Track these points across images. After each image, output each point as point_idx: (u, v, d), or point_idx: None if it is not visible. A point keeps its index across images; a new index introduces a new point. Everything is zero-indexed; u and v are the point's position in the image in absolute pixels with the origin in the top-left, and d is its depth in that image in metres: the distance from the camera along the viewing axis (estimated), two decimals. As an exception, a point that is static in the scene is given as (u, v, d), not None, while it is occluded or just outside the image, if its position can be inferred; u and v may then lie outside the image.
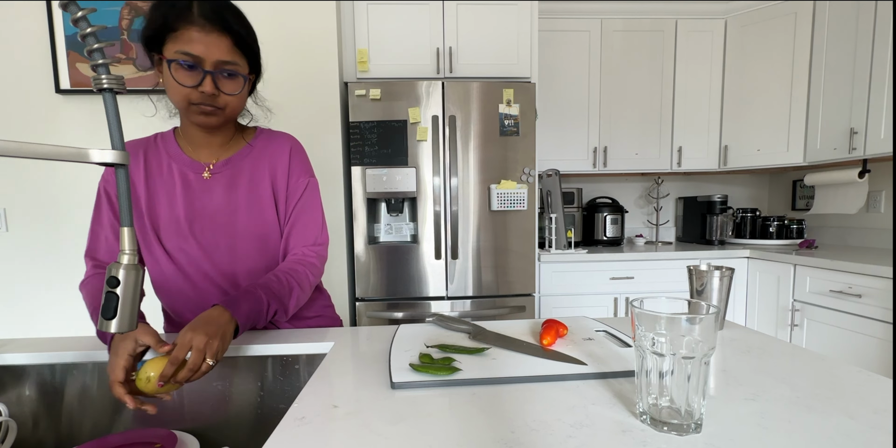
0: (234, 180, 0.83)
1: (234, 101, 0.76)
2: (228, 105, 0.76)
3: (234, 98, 0.76)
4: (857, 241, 2.20)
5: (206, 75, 0.71)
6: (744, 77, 2.27)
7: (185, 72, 0.70)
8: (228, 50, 0.72)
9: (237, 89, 0.75)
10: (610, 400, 0.49)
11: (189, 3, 0.69)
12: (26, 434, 0.73)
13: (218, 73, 0.72)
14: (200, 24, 0.69)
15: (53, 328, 1.83)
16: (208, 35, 0.69)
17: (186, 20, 0.68)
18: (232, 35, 0.72)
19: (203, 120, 0.76)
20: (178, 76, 0.70)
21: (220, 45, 0.70)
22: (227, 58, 0.72)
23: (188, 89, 0.71)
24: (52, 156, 0.41)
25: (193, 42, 0.69)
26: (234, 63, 0.73)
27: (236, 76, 0.74)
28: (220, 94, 0.73)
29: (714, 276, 0.71)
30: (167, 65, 0.70)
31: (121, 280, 0.45)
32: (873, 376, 0.55)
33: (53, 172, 1.77)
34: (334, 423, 0.45)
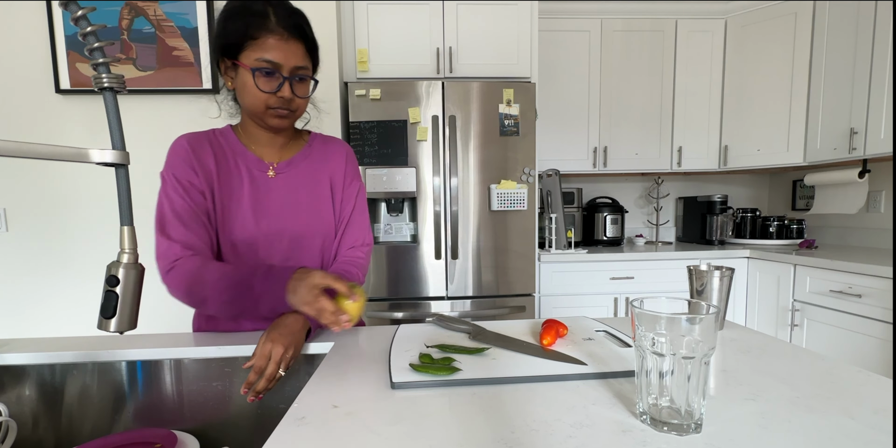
0: (296, 180, 0.86)
1: (304, 103, 0.81)
2: (300, 107, 0.80)
3: (303, 101, 0.80)
4: (857, 241, 2.20)
5: (284, 81, 0.74)
6: (744, 77, 2.27)
7: (265, 78, 0.74)
8: (303, 56, 0.76)
9: (308, 92, 0.80)
10: (610, 400, 0.49)
11: (266, 11, 0.72)
12: (26, 434, 0.73)
13: (293, 78, 0.76)
14: (279, 32, 0.72)
15: (53, 328, 1.83)
16: (286, 42, 0.73)
17: (266, 28, 0.72)
18: (305, 42, 0.76)
19: (278, 122, 0.79)
20: (259, 83, 0.74)
21: (297, 52, 0.75)
22: (302, 63, 0.76)
23: (267, 94, 0.75)
24: (52, 156, 0.41)
25: (273, 49, 0.72)
26: (306, 68, 0.77)
27: (307, 80, 0.79)
28: (294, 98, 0.77)
29: (714, 276, 0.71)
30: (251, 72, 0.73)
31: (120, 279, 0.45)
32: (873, 376, 0.55)
33: (53, 172, 1.77)
34: (334, 423, 0.45)
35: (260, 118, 0.79)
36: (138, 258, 0.48)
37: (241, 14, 0.73)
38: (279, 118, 0.78)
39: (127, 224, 0.46)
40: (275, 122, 0.79)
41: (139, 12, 1.70)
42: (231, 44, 0.74)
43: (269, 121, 0.79)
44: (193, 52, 1.72)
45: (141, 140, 1.78)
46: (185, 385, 0.74)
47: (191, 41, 1.72)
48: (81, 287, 1.82)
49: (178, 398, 0.74)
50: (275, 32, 0.72)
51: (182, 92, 1.74)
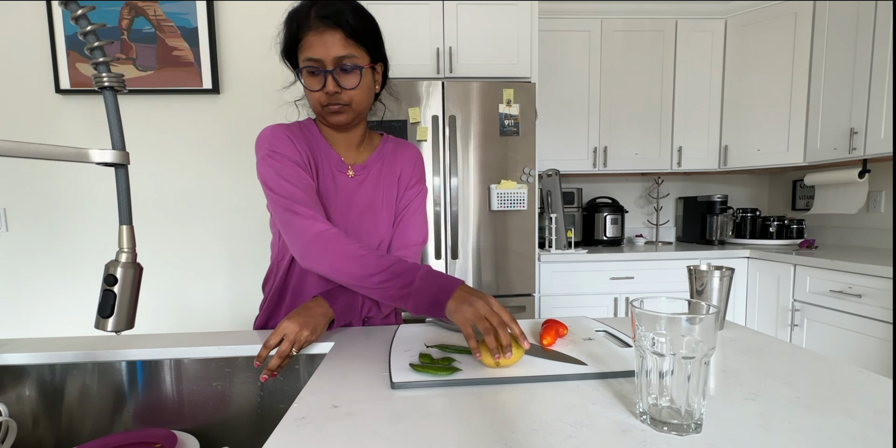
0: (372, 182, 0.86)
1: (358, 95, 0.77)
2: (353, 99, 0.77)
3: (356, 91, 0.76)
4: (857, 241, 2.20)
5: (326, 75, 0.73)
6: (744, 77, 2.27)
7: (311, 78, 0.75)
8: (343, 45, 0.73)
9: (356, 82, 0.76)
10: (610, 400, 0.49)
11: (307, 11, 0.73)
12: (26, 434, 0.73)
13: (337, 70, 0.73)
14: (316, 26, 0.72)
15: (53, 328, 1.83)
16: (322, 35, 0.72)
17: (306, 27, 0.72)
18: (343, 28, 0.72)
19: (335, 119, 0.78)
20: (307, 83, 0.75)
21: (335, 42, 0.72)
22: (343, 52, 0.73)
23: (318, 93, 0.75)
24: (52, 156, 0.41)
25: (313, 46, 0.72)
26: (351, 56, 0.74)
27: (355, 69, 0.75)
28: (342, 90, 0.75)
29: (714, 276, 0.71)
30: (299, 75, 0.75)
31: (119, 278, 0.45)
32: (873, 376, 0.55)
33: (53, 172, 1.77)
34: (334, 423, 0.45)
35: (322, 118, 0.80)
36: (137, 257, 0.48)
37: (291, 19, 0.75)
38: (334, 115, 0.78)
39: (126, 223, 0.46)
40: (333, 120, 0.79)
41: (139, 12, 1.70)
42: (289, 50, 0.77)
43: (329, 119, 0.79)
44: (193, 52, 1.72)
45: (141, 140, 1.78)
46: (185, 385, 0.74)
47: (191, 41, 1.72)
48: (81, 287, 1.82)
49: (178, 398, 0.74)
50: (313, 28, 0.72)
51: (182, 92, 1.74)
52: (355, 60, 0.74)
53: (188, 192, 1.80)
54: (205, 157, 1.79)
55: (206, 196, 1.81)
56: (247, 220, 1.82)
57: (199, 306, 1.84)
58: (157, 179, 1.79)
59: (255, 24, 1.76)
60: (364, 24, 0.76)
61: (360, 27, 0.74)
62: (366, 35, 0.76)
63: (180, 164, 1.79)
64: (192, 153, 1.78)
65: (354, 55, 0.74)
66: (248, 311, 1.85)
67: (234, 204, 1.81)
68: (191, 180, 1.80)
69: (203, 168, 1.79)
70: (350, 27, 0.73)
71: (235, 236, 1.82)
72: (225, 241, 1.82)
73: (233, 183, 1.80)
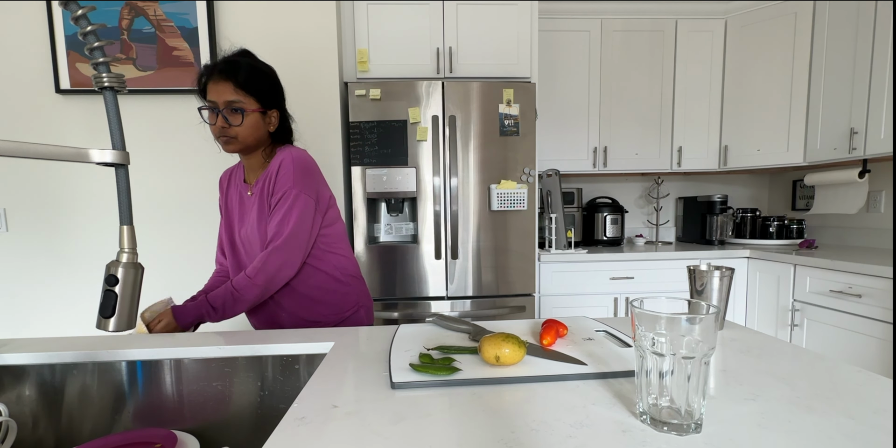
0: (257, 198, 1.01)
1: (243, 131, 0.97)
2: (238, 134, 0.96)
3: (241, 128, 0.96)
4: (857, 241, 2.20)
5: (218, 114, 0.95)
6: (744, 77, 2.27)
7: (208, 113, 0.97)
8: (233, 92, 0.94)
9: (239, 121, 0.96)
10: (610, 400, 0.49)
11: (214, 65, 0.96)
12: (26, 434, 0.73)
13: (227, 110, 0.95)
14: (213, 77, 0.95)
15: (53, 328, 1.83)
16: (217, 84, 0.94)
17: (209, 77, 0.96)
18: (233, 80, 0.94)
19: (226, 148, 0.98)
20: (207, 118, 0.97)
21: (226, 89, 0.94)
22: (232, 98, 0.94)
23: (213, 127, 0.96)
24: (52, 156, 0.41)
25: (211, 91, 0.95)
26: (239, 101, 0.95)
27: (238, 111, 0.95)
28: (229, 126, 0.95)
29: (714, 276, 0.71)
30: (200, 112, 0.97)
31: (120, 278, 0.45)
32: (873, 376, 0.55)
33: (53, 172, 1.77)
34: (334, 423, 0.45)
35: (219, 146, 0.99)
36: (137, 258, 0.48)
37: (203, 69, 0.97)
38: (225, 144, 0.97)
39: (126, 224, 0.46)
40: (225, 148, 0.98)
41: (139, 12, 1.70)
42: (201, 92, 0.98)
43: (222, 147, 0.98)
44: (193, 52, 1.72)
45: (141, 140, 1.78)
46: (185, 385, 0.74)
47: (191, 41, 1.72)
48: (81, 287, 1.82)
49: (178, 398, 0.74)
50: (212, 78, 0.95)
51: (182, 92, 1.74)
52: (241, 105, 0.95)
53: (188, 192, 1.80)
54: (205, 156, 1.79)
55: (207, 196, 1.81)
56: (247, 220, 1.82)
57: (199, 306, 1.84)
58: (158, 179, 1.79)
59: (255, 24, 1.76)
60: (253, 78, 0.97)
61: (248, 80, 0.96)
62: (254, 86, 0.97)
63: (180, 163, 1.79)
64: (192, 153, 1.78)
65: (241, 101, 0.95)
66: (248, 311, 1.85)
67: (234, 204, 1.81)
68: (191, 180, 1.80)
69: (203, 168, 1.79)
70: (239, 79, 0.95)
71: (235, 236, 1.82)
72: (225, 241, 1.83)
73: (233, 183, 1.80)
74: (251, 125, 0.97)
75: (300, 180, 0.98)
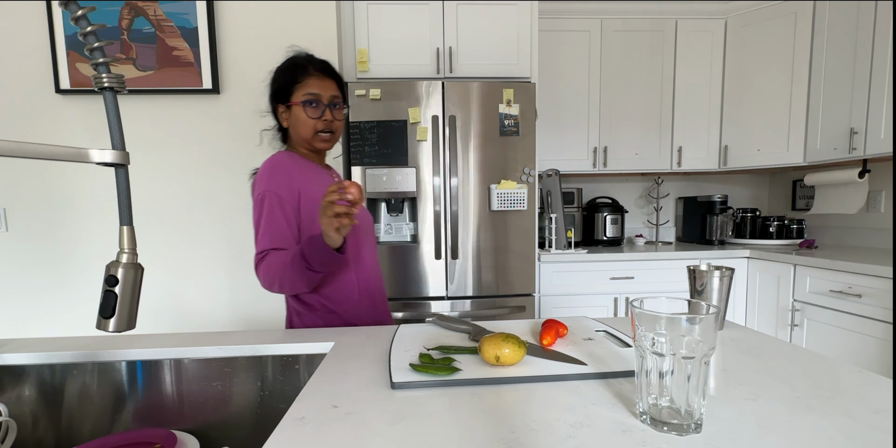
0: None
1: (340, 126, 1.01)
2: (337, 129, 1.00)
3: (341, 123, 1.00)
4: (857, 241, 2.20)
5: (325, 108, 0.96)
6: (744, 77, 2.27)
7: (311, 108, 0.96)
8: (335, 88, 0.98)
9: (342, 116, 1.01)
10: (610, 400, 0.49)
11: (305, 63, 0.98)
12: (26, 434, 0.73)
13: (331, 105, 0.97)
14: (315, 74, 0.97)
15: (53, 328, 1.83)
16: (322, 80, 0.97)
17: (307, 73, 0.96)
18: (335, 79, 0.99)
19: (323, 145, 1.00)
20: (308, 113, 0.95)
21: (331, 86, 0.98)
22: (336, 93, 0.98)
23: (313, 121, 0.96)
24: (52, 156, 0.41)
25: (313, 86, 0.96)
26: (339, 97, 0.99)
27: (340, 106, 1.00)
28: (333, 120, 0.97)
29: (714, 276, 0.71)
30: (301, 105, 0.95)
31: (120, 279, 0.45)
32: (873, 376, 0.55)
33: (53, 172, 1.77)
34: (334, 423, 0.45)
35: (309, 143, 0.99)
36: (137, 258, 0.48)
37: (288, 69, 0.98)
38: (324, 142, 0.99)
39: (126, 224, 0.46)
40: (321, 145, 0.99)
41: (139, 12, 1.70)
42: (284, 90, 0.97)
43: (316, 144, 0.98)
44: (193, 52, 1.72)
45: (141, 140, 1.78)
46: (185, 385, 0.74)
47: (191, 41, 1.72)
48: (81, 287, 1.82)
49: (178, 398, 0.74)
50: (312, 75, 0.96)
51: (182, 92, 1.74)
52: (340, 101, 0.99)
53: (188, 192, 1.80)
54: (205, 156, 1.79)
55: (207, 196, 1.81)
56: (247, 219, 1.82)
57: (199, 306, 1.83)
58: (158, 179, 1.79)
59: (255, 24, 1.76)
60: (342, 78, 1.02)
61: (341, 80, 1.02)
62: (344, 87, 1.03)
63: (180, 164, 1.79)
64: (192, 153, 1.78)
65: (339, 97, 0.99)
66: (249, 311, 1.85)
67: (234, 204, 1.81)
68: (191, 180, 1.80)
69: (203, 168, 1.79)
70: (338, 79, 1.01)
71: (236, 236, 1.82)
72: (225, 241, 1.82)
73: (233, 183, 1.80)
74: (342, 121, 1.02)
75: None
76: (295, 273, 0.82)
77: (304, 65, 0.97)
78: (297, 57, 1.00)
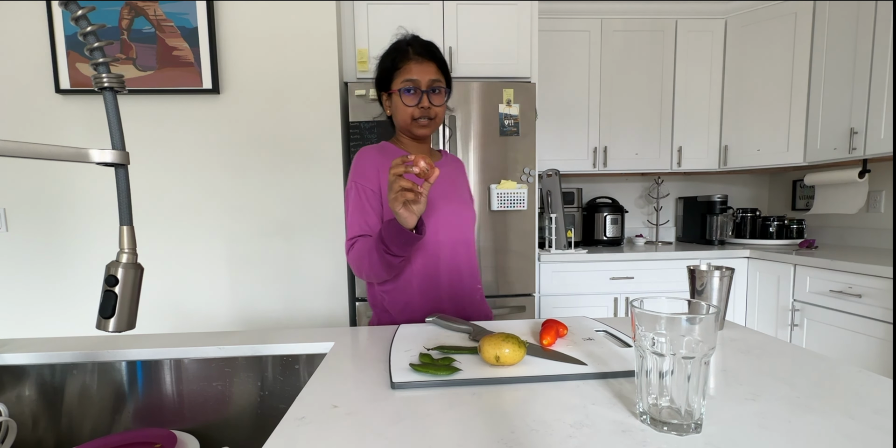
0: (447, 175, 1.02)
1: (441, 111, 0.96)
2: (437, 115, 0.95)
3: (440, 109, 0.95)
4: (857, 241, 2.20)
5: (422, 94, 0.92)
6: (744, 77, 2.27)
7: (408, 96, 0.92)
8: (435, 72, 0.94)
9: (442, 101, 0.96)
10: (610, 400, 0.49)
11: (405, 47, 0.93)
12: (26, 434, 0.73)
13: (429, 91, 0.92)
14: (415, 58, 0.92)
15: (53, 328, 1.83)
16: (421, 64, 0.92)
17: (406, 58, 0.92)
18: (435, 61, 0.94)
19: (421, 131, 0.96)
20: (405, 100, 0.92)
21: (430, 70, 0.93)
22: (435, 77, 0.93)
23: (411, 108, 0.93)
24: (52, 156, 0.41)
25: (412, 71, 0.92)
26: (439, 81, 0.94)
27: (441, 91, 0.95)
28: (431, 106, 0.93)
29: (714, 276, 0.71)
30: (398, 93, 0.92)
31: (119, 279, 0.45)
32: (873, 376, 0.55)
33: (53, 172, 1.77)
34: (334, 423, 0.45)
35: (408, 130, 0.97)
36: (137, 258, 0.48)
37: (389, 54, 0.95)
38: (422, 128, 0.95)
39: (126, 224, 0.46)
40: (420, 132, 0.96)
41: (139, 12, 1.70)
42: (385, 78, 0.95)
43: (415, 131, 0.96)
44: (193, 52, 1.72)
45: (141, 140, 1.78)
46: (185, 385, 0.74)
47: (191, 41, 1.72)
48: (81, 287, 1.82)
49: (178, 398, 0.74)
50: (413, 59, 0.92)
51: (182, 92, 1.74)
52: (441, 84, 0.94)
53: (188, 192, 1.80)
54: (205, 156, 1.79)
55: (207, 196, 1.81)
56: (247, 219, 1.82)
57: (199, 306, 1.83)
58: (157, 179, 1.79)
59: (255, 24, 1.76)
60: (444, 60, 0.97)
61: (444, 61, 0.97)
62: (446, 67, 0.97)
63: (180, 164, 1.79)
64: (191, 153, 1.78)
65: (441, 81, 0.94)
66: (248, 311, 1.85)
67: (234, 204, 1.81)
68: (191, 180, 1.80)
69: (203, 168, 1.79)
70: (439, 60, 0.95)
71: (235, 236, 1.82)
72: (225, 241, 1.82)
73: (233, 183, 1.80)
74: (444, 106, 0.98)
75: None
76: (375, 258, 0.84)
77: (404, 49, 0.93)
78: (399, 41, 0.95)
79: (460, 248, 1.00)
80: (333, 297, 1.86)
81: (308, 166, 1.81)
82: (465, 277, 1.00)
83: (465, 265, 1.01)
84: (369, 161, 0.96)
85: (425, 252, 0.95)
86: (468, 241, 1.03)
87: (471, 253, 1.03)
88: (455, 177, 1.06)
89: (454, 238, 0.99)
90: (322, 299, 1.86)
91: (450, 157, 1.11)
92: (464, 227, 1.02)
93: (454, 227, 0.99)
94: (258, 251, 1.83)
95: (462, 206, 1.03)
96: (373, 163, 0.95)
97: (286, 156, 1.80)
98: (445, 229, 0.97)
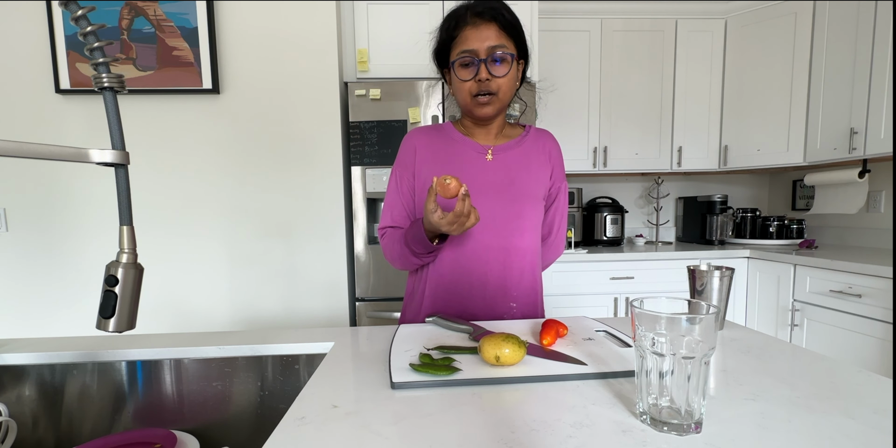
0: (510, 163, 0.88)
1: (505, 84, 0.81)
2: (500, 88, 0.80)
3: (504, 80, 0.80)
4: (857, 241, 2.20)
5: (479, 64, 0.78)
6: (744, 77, 2.27)
7: (464, 69, 0.79)
8: (497, 35, 0.78)
9: (505, 71, 0.79)
10: (610, 400, 0.49)
11: (462, 12, 0.79)
12: (26, 434, 0.73)
13: (489, 60, 0.78)
14: (472, 21, 0.78)
15: (53, 328, 1.83)
16: (478, 28, 0.78)
17: (462, 25, 0.79)
18: (497, 21, 0.78)
19: (482, 111, 0.82)
20: (460, 75, 0.80)
21: (490, 33, 0.77)
22: (496, 42, 0.78)
23: (468, 83, 0.79)
24: (52, 156, 0.41)
25: (468, 39, 0.78)
26: (503, 46, 0.78)
27: (505, 59, 0.79)
28: (492, 78, 0.78)
29: (714, 276, 0.71)
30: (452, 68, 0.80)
31: (120, 279, 0.45)
32: (873, 376, 0.55)
33: (53, 172, 1.77)
34: (334, 423, 0.45)
35: (469, 111, 0.84)
36: (137, 258, 0.48)
37: (445, 23, 0.82)
38: (482, 106, 0.81)
39: (126, 224, 0.46)
40: (480, 112, 0.82)
41: (139, 12, 1.70)
42: (442, 51, 0.83)
43: (475, 111, 0.83)
44: (193, 52, 1.72)
45: (141, 140, 1.78)
46: (185, 385, 0.74)
47: (191, 41, 1.72)
48: (81, 287, 1.82)
49: (178, 398, 0.74)
50: (469, 23, 0.78)
51: (182, 92, 1.74)
52: (506, 50, 0.79)
53: (188, 192, 1.80)
54: (205, 156, 1.79)
55: (207, 196, 1.81)
56: (247, 219, 1.82)
57: (199, 306, 1.83)
58: (157, 179, 1.79)
59: (255, 23, 1.76)
60: (514, 20, 0.80)
61: (510, 21, 0.80)
62: (515, 29, 0.81)
63: (180, 164, 1.79)
64: (191, 153, 1.78)
65: (505, 46, 0.79)
66: (248, 311, 1.85)
67: (234, 204, 1.81)
68: (191, 180, 1.80)
69: (203, 168, 1.79)
70: (503, 20, 0.78)
71: (235, 236, 1.82)
72: (225, 241, 1.82)
73: (233, 183, 1.80)
74: (513, 77, 0.82)
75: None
76: (405, 252, 0.82)
77: (462, 14, 0.79)
78: (457, 8, 0.80)
79: (492, 255, 0.85)
80: (333, 297, 1.86)
81: (308, 166, 1.81)
82: (490, 291, 0.85)
83: (495, 276, 0.85)
84: (410, 145, 0.88)
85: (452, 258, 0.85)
86: (507, 248, 0.85)
87: (507, 262, 0.86)
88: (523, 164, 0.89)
89: (485, 243, 0.84)
90: (322, 299, 1.86)
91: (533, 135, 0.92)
92: (500, 229, 0.85)
93: (487, 230, 0.84)
94: (258, 251, 1.83)
95: (510, 204, 0.85)
96: (414, 146, 0.88)
97: (286, 156, 1.80)
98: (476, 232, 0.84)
